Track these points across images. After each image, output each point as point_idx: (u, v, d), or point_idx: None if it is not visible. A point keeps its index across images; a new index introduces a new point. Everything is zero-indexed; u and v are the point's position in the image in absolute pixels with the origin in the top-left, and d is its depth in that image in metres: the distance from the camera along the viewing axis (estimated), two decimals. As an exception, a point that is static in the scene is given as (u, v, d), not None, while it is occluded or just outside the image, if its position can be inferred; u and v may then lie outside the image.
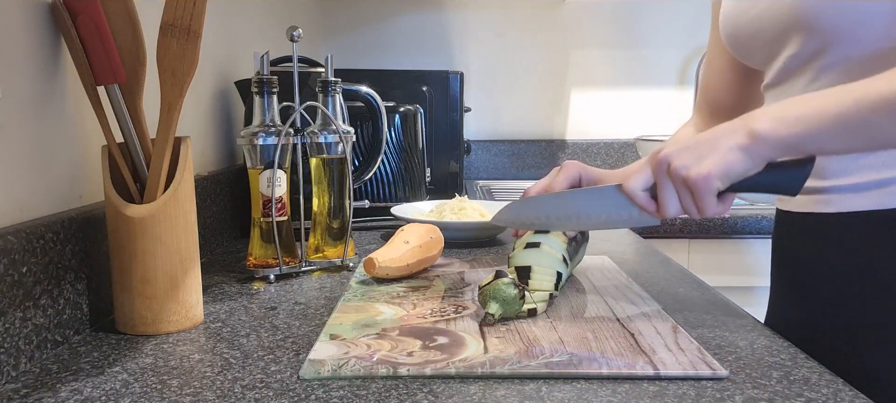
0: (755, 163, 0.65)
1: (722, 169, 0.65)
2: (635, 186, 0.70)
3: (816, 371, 0.60)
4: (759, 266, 1.56)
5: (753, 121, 0.65)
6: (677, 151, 0.67)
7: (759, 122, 0.64)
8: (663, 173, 0.68)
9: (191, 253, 0.71)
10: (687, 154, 0.66)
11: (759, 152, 0.65)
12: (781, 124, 0.64)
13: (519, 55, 2.16)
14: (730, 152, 0.65)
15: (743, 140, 0.65)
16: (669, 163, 0.67)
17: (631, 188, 0.70)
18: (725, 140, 0.65)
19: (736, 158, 0.65)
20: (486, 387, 0.56)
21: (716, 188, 0.65)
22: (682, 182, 0.66)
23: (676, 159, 0.67)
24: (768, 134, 0.64)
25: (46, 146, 0.67)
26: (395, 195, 1.29)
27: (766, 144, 0.64)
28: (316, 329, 0.71)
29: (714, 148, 0.65)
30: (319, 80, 0.95)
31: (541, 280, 0.75)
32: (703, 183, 0.65)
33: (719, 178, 0.65)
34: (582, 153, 2.18)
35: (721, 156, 0.65)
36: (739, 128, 0.65)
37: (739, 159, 0.65)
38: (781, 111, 0.64)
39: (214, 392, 0.56)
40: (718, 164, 0.65)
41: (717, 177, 0.65)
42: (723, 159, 0.65)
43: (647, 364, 0.59)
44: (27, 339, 0.61)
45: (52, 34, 0.68)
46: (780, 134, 0.64)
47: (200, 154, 1.09)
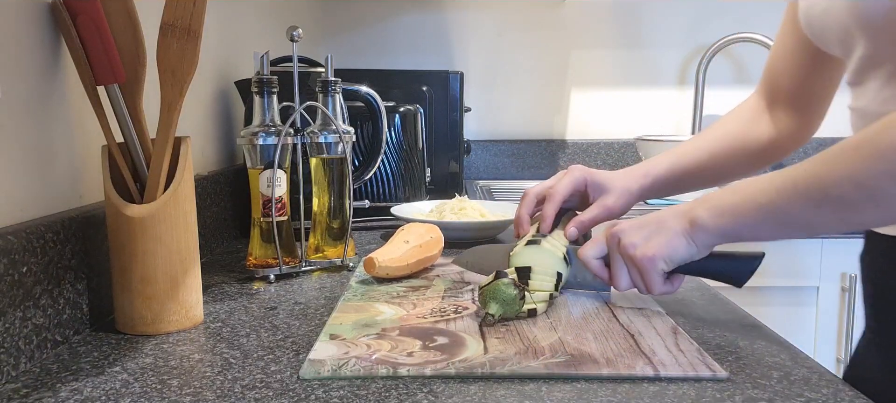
0: (699, 249, 0.69)
1: (667, 252, 0.69)
2: (589, 254, 0.75)
3: (816, 371, 0.60)
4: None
5: (695, 208, 0.68)
6: (629, 229, 0.71)
7: (698, 210, 0.68)
8: (614, 248, 0.72)
9: (191, 253, 0.71)
10: (637, 233, 0.70)
11: (701, 239, 0.68)
12: (717, 214, 0.67)
13: (519, 55, 2.16)
14: (675, 237, 0.68)
15: (686, 226, 0.68)
16: (620, 240, 0.71)
17: (585, 256, 0.75)
18: (671, 224, 0.69)
19: (679, 243, 0.68)
20: (486, 387, 0.56)
21: (660, 269, 0.69)
22: (630, 259, 0.70)
23: (626, 237, 0.71)
24: (706, 223, 0.67)
25: (46, 146, 0.67)
26: (395, 195, 1.29)
27: (705, 232, 0.67)
28: (316, 329, 0.71)
29: (662, 231, 0.69)
30: (319, 80, 0.95)
31: (541, 280, 0.75)
32: (648, 263, 0.69)
33: (664, 260, 0.69)
34: (582, 153, 2.18)
35: (667, 240, 0.69)
36: (685, 214, 0.69)
37: (683, 244, 0.68)
38: (718, 200, 0.67)
39: (214, 392, 0.56)
40: (664, 248, 0.69)
41: (661, 258, 0.69)
42: (668, 243, 0.69)
43: (647, 364, 0.59)
44: (27, 339, 0.61)
45: (52, 34, 0.68)
46: (716, 223, 0.67)
47: (200, 154, 1.09)
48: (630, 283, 0.72)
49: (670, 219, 0.69)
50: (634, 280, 0.72)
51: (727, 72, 2.14)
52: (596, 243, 0.75)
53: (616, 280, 0.73)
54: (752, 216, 0.64)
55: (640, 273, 0.70)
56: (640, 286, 0.71)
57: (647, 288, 0.71)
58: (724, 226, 0.66)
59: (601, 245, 0.74)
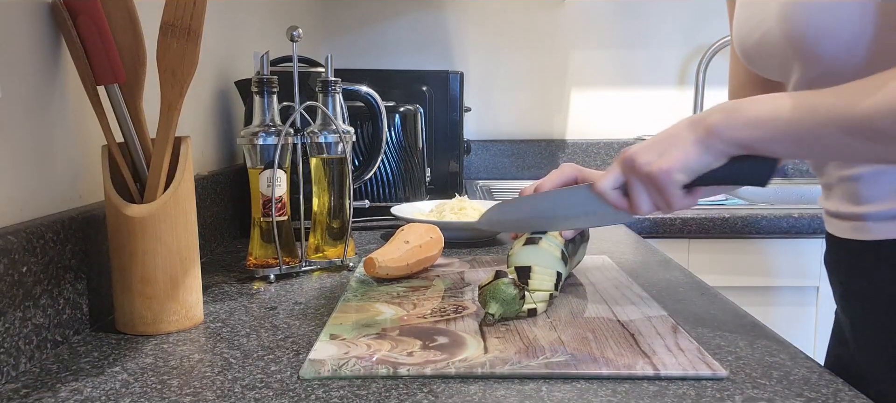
0: (715, 157, 0.66)
1: (682, 163, 0.66)
2: (606, 185, 0.72)
3: (816, 371, 0.60)
4: (758, 266, 1.56)
5: (711, 115, 0.66)
6: (642, 148, 0.69)
7: (714, 117, 0.65)
8: (630, 170, 0.69)
9: (191, 253, 0.71)
10: (650, 151, 0.68)
11: (716, 147, 0.65)
12: (735, 123, 0.64)
13: (519, 55, 2.16)
14: (689, 147, 0.66)
15: (700, 134, 0.66)
16: (634, 160, 0.68)
17: (602, 187, 0.72)
18: (685, 134, 0.67)
19: (695, 152, 0.66)
20: (486, 387, 0.56)
21: (679, 181, 0.67)
22: (647, 177, 0.68)
23: (640, 156, 0.68)
24: (722, 131, 0.65)
25: (46, 146, 0.67)
26: (395, 195, 1.29)
27: (721, 140, 0.65)
28: (316, 329, 0.71)
29: (675, 143, 0.67)
30: (319, 80, 0.95)
31: (541, 280, 0.75)
32: (664, 177, 0.66)
33: (680, 172, 0.66)
34: (582, 153, 2.18)
35: (681, 151, 0.66)
36: (698, 122, 0.66)
37: (698, 153, 0.66)
38: (739, 109, 0.65)
39: (214, 392, 0.56)
40: (679, 158, 0.66)
41: (677, 170, 0.66)
42: (683, 154, 0.66)
43: (647, 364, 0.59)
44: (27, 339, 0.61)
45: (52, 34, 0.68)
46: (733, 132, 0.64)
47: (200, 154, 1.09)
48: (650, 204, 0.70)
49: (683, 130, 0.67)
50: (654, 199, 0.69)
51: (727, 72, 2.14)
52: (611, 173, 0.72)
53: (636, 203, 0.70)
54: (776, 131, 0.62)
55: (658, 189, 0.68)
56: (660, 203, 0.69)
57: (667, 204, 0.68)
58: (742, 137, 0.64)
59: (616, 173, 0.71)
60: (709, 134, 0.65)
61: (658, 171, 0.66)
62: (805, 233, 1.54)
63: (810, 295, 1.58)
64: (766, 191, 1.90)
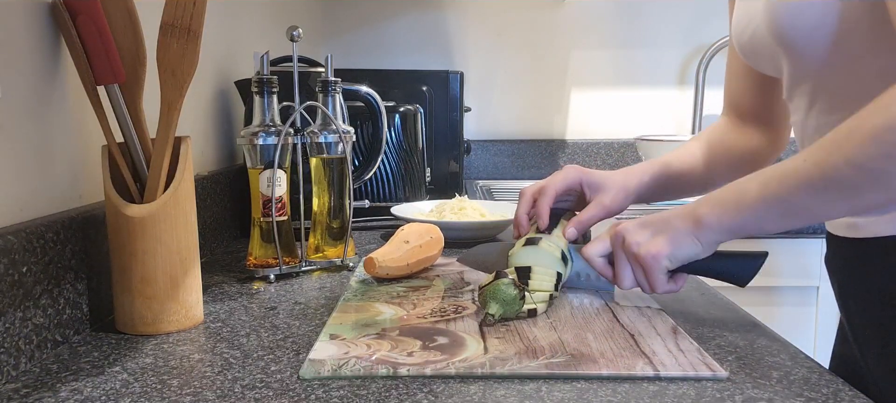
0: (704, 247, 0.69)
1: (671, 251, 0.69)
2: (594, 252, 0.75)
3: (816, 371, 0.60)
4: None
5: (699, 207, 0.68)
6: (633, 227, 0.72)
7: (703, 208, 0.68)
8: (619, 246, 0.72)
9: (191, 253, 0.71)
10: (642, 232, 0.71)
11: (706, 238, 0.68)
12: (721, 210, 0.67)
13: (519, 55, 2.16)
14: (679, 235, 0.69)
15: (690, 225, 0.68)
16: (624, 238, 0.71)
17: (589, 253, 0.76)
18: (676, 223, 0.69)
19: (685, 242, 0.69)
20: (486, 387, 0.56)
21: (665, 267, 0.70)
22: (635, 257, 0.71)
23: (631, 235, 0.71)
24: (711, 220, 0.67)
25: (46, 146, 0.67)
26: (395, 195, 1.29)
27: (710, 230, 0.68)
28: (316, 329, 0.71)
29: (667, 229, 0.70)
30: (319, 80, 0.95)
31: (541, 280, 0.75)
32: (652, 261, 0.69)
33: (668, 259, 0.69)
34: (582, 153, 2.18)
35: (671, 239, 0.69)
36: (689, 213, 0.69)
37: (688, 243, 0.69)
38: (721, 197, 0.67)
39: (214, 392, 0.56)
40: (668, 246, 0.69)
41: (665, 257, 0.69)
42: (672, 241, 0.69)
43: (647, 364, 0.59)
44: (27, 339, 0.61)
45: (52, 34, 0.68)
46: (721, 220, 0.67)
47: (200, 154, 1.09)
48: (634, 282, 0.72)
49: (675, 219, 0.70)
50: (638, 278, 0.72)
51: (727, 72, 2.14)
52: (600, 241, 0.75)
53: (620, 278, 0.73)
54: (756, 209, 0.65)
55: (645, 271, 0.70)
56: (644, 284, 0.72)
57: (650, 287, 0.71)
58: (729, 222, 0.66)
59: (605, 243, 0.75)
60: (699, 225, 0.68)
61: (646, 255, 0.69)
62: (805, 233, 1.54)
63: (811, 295, 1.58)
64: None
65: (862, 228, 0.73)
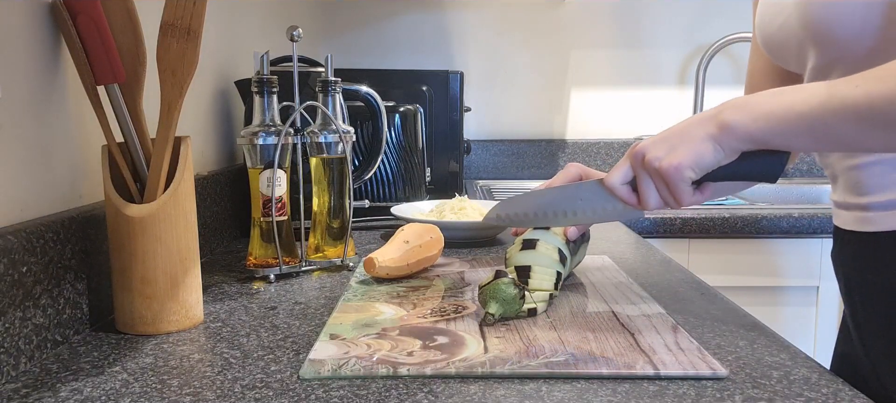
0: (726, 153, 0.65)
1: (692, 159, 0.65)
2: (615, 180, 0.71)
3: (816, 370, 0.60)
4: (758, 266, 1.56)
5: (724, 111, 0.65)
6: (652, 143, 0.68)
7: (728, 113, 0.64)
8: (639, 165, 0.68)
9: (191, 253, 0.71)
10: (660, 145, 0.67)
11: (729, 143, 0.64)
12: (749, 117, 0.63)
13: (519, 55, 2.16)
14: (700, 143, 0.65)
15: (713, 130, 0.65)
16: (644, 155, 0.67)
17: (611, 182, 0.71)
18: (696, 130, 0.66)
19: (706, 148, 0.65)
20: (486, 387, 0.56)
21: (688, 177, 0.66)
22: (657, 172, 0.67)
23: (650, 151, 0.67)
24: (736, 126, 0.64)
25: (46, 146, 0.67)
26: (395, 195, 1.29)
27: (734, 135, 0.64)
28: (316, 328, 0.71)
29: (686, 138, 0.66)
30: (319, 80, 0.95)
31: (541, 279, 0.75)
32: (674, 173, 0.65)
33: (690, 168, 0.65)
34: (582, 153, 2.18)
35: (692, 147, 0.65)
36: (711, 119, 0.65)
37: (710, 149, 0.65)
38: (752, 104, 0.64)
39: (214, 392, 0.56)
40: (689, 155, 0.65)
41: (687, 166, 0.65)
42: (694, 149, 0.65)
43: (647, 363, 0.59)
44: (27, 339, 0.61)
45: (52, 34, 0.68)
46: (747, 127, 0.63)
47: (200, 154, 1.09)
48: (659, 200, 0.69)
49: (695, 126, 0.66)
50: (662, 194, 0.68)
51: (727, 71, 2.14)
52: (620, 168, 0.71)
53: (644, 199, 0.69)
54: (790, 124, 0.62)
55: (668, 185, 0.67)
56: (669, 200, 0.68)
57: (676, 201, 0.68)
58: (756, 131, 0.63)
59: (626, 168, 0.71)
60: (722, 130, 0.64)
61: (668, 167, 0.65)
62: (805, 233, 1.54)
63: (811, 294, 1.58)
64: (767, 190, 1.90)
65: (874, 222, 0.73)
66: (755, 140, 0.64)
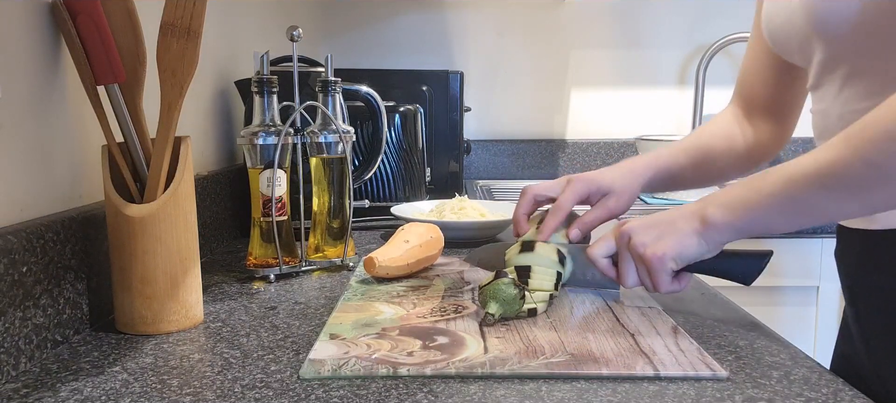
0: (709, 247, 0.69)
1: (677, 251, 0.69)
2: (598, 253, 0.75)
3: (816, 370, 0.60)
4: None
5: (707, 207, 0.68)
6: (639, 228, 0.71)
7: (710, 208, 0.68)
8: (624, 246, 0.72)
9: (191, 253, 0.71)
10: (647, 232, 0.71)
11: (712, 237, 0.68)
12: (728, 210, 0.67)
13: (519, 55, 2.16)
14: (686, 236, 0.69)
15: (697, 225, 0.68)
16: (630, 238, 0.71)
17: (594, 254, 0.76)
18: (682, 223, 0.69)
19: (690, 242, 0.69)
20: (486, 387, 0.56)
21: (670, 268, 0.70)
22: (640, 258, 0.71)
23: (636, 236, 0.71)
24: (718, 220, 0.67)
25: (46, 146, 0.67)
26: (395, 195, 1.29)
27: (717, 230, 0.67)
28: (316, 328, 0.71)
29: (672, 230, 0.70)
30: (319, 80, 0.95)
31: (541, 280, 0.75)
32: (657, 262, 0.69)
33: (673, 260, 0.69)
34: (582, 153, 2.18)
35: (677, 239, 0.69)
36: (696, 213, 0.69)
37: (694, 243, 0.69)
38: (729, 197, 0.67)
39: (214, 392, 0.56)
40: (674, 247, 0.69)
41: (671, 257, 0.69)
42: (678, 242, 0.69)
43: (647, 364, 0.59)
44: (27, 339, 0.61)
45: (52, 34, 0.68)
46: (728, 219, 0.67)
47: (200, 154, 1.09)
48: (638, 281, 0.73)
49: (680, 219, 0.70)
50: (642, 278, 0.72)
51: (727, 71, 2.14)
52: (605, 241, 0.75)
53: (624, 277, 0.73)
54: (764, 208, 0.64)
55: (649, 271, 0.70)
56: (648, 284, 0.72)
57: (654, 287, 0.71)
58: (736, 222, 0.66)
59: (610, 243, 0.75)
60: (706, 226, 0.68)
61: (652, 255, 0.69)
62: (805, 233, 1.54)
63: (811, 294, 1.58)
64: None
65: (878, 220, 0.73)
66: (738, 231, 0.67)
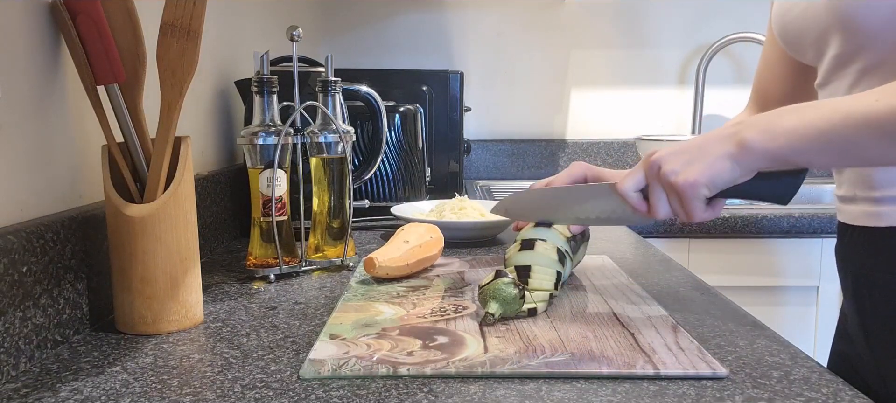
0: (743, 172, 0.65)
1: (709, 177, 0.65)
2: (628, 187, 0.70)
3: (816, 370, 0.60)
4: (758, 266, 1.56)
5: (744, 130, 0.64)
6: (669, 155, 0.67)
7: (748, 132, 0.64)
8: (654, 176, 0.68)
9: (191, 253, 0.71)
10: (677, 159, 0.67)
11: (747, 162, 0.64)
12: (769, 136, 0.63)
13: (519, 55, 2.16)
14: (718, 160, 0.65)
15: (732, 149, 0.65)
16: (660, 167, 0.67)
17: (624, 189, 0.71)
18: (715, 147, 0.65)
19: (724, 167, 0.65)
20: (486, 387, 0.56)
21: (703, 195, 0.66)
22: (671, 186, 0.67)
23: (667, 164, 0.67)
24: (756, 145, 0.63)
25: (46, 146, 0.67)
26: (395, 195, 1.29)
27: (753, 155, 0.64)
28: (316, 328, 0.71)
29: (704, 155, 0.66)
30: (319, 80, 0.95)
31: (541, 279, 0.75)
32: (689, 189, 0.65)
33: (706, 186, 0.65)
34: (582, 153, 2.18)
35: (709, 164, 0.65)
36: (730, 137, 0.65)
37: (727, 168, 0.65)
38: (771, 122, 0.64)
39: (214, 392, 0.56)
40: (706, 172, 0.65)
41: (703, 184, 0.65)
42: (711, 167, 0.65)
43: (647, 363, 0.59)
44: (27, 339, 0.61)
45: (52, 34, 0.68)
46: (767, 146, 0.63)
47: (200, 154, 1.09)
48: (670, 212, 0.69)
49: (713, 143, 0.66)
50: (674, 208, 0.69)
51: (727, 71, 2.14)
52: (634, 175, 0.71)
53: (655, 209, 0.69)
54: (810, 141, 0.62)
55: (681, 200, 0.67)
56: (681, 213, 0.68)
57: (688, 216, 0.68)
58: (776, 149, 0.63)
59: (640, 176, 0.70)
60: (741, 148, 0.64)
61: (684, 182, 0.65)
62: (805, 233, 1.54)
63: (811, 294, 1.58)
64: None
65: (884, 217, 0.73)
66: (775, 158, 0.63)
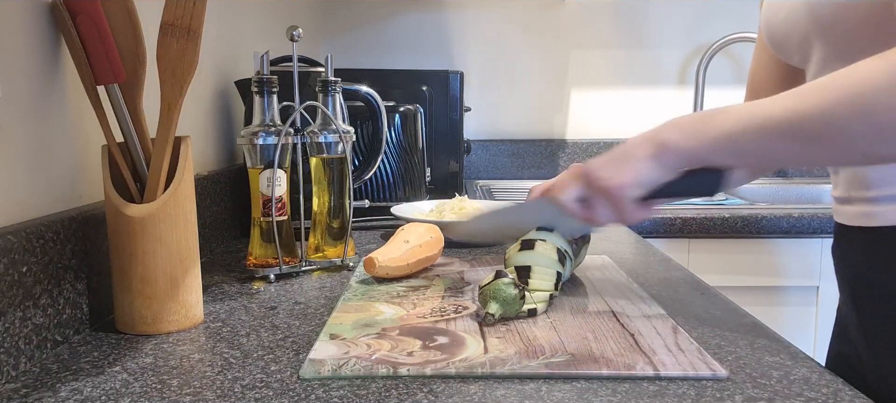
0: (666, 171, 0.68)
1: (634, 178, 0.68)
2: (567, 198, 0.74)
3: (816, 370, 0.60)
4: (758, 265, 1.56)
5: (664, 131, 0.68)
6: (598, 164, 0.71)
7: (667, 133, 0.68)
8: (588, 186, 0.72)
9: (191, 253, 0.71)
10: (606, 167, 0.70)
11: (668, 162, 0.68)
12: (685, 136, 0.66)
13: (519, 55, 2.16)
14: (640, 162, 0.68)
15: (652, 150, 0.68)
16: (590, 176, 0.71)
17: (564, 200, 0.75)
18: (637, 150, 0.69)
19: (647, 167, 0.68)
20: (486, 387, 0.56)
21: (633, 196, 0.69)
22: (603, 191, 0.70)
23: (595, 173, 0.71)
24: (674, 145, 0.67)
25: (46, 146, 0.67)
26: (395, 195, 1.29)
27: (673, 155, 0.67)
28: (316, 328, 0.71)
29: (629, 159, 0.69)
30: (319, 80, 0.95)
31: (541, 280, 0.75)
32: (618, 192, 0.69)
33: (634, 187, 0.69)
34: (582, 153, 2.18)
35: (634, 167, 0.69)
36: (651, 139, 0.69)
37: (651, 168, 0.68)
38: (688, 124, 0.67)
39: (214, 392, 0.56)
40: (631, 174, 0.69)
41: (631, 186, 0.69)
42: (635, 170, 0.68)
43: (647, 364, 0.59)
44: (27, 339, 0.61)
45: (52, 34, 0.68)
46: (683, 146, 0.67)
47: (200, 154, 1.09)
48: (609, 217, 0.72)
49: (636, 147, 0.69)
50: (609, 212, 0.72)
51: (727, 71, 2.14)
52: (571, 186, 0.74)
53: (594, 217, 0.73)
54: (720, 144, 0.64)
55: (614, 204, 0.70)
56: (616, 217, 0.72)
57: (622, 219, 0.71)
58: (694, 149, 0.66)
59: (577, 187, 0.74)
60: (662, 149, 0.68)
61: (613, 187, 0.69)
62: (805, 233, 1.54)
63: (811, 294, 1.58)
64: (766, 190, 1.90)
65: (880, 217, 0.73)
66: (694, 158, 0.67)
